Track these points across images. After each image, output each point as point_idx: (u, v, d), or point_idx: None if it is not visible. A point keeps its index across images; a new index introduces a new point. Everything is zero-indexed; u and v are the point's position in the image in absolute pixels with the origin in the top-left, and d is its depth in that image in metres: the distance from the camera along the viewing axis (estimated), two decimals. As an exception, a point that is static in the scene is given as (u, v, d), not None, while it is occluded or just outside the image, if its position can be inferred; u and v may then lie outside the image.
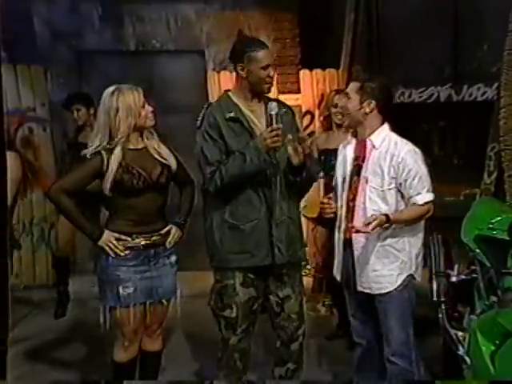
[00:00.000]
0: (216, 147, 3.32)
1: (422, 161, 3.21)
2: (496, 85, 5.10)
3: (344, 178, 3.33)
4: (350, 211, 3.26)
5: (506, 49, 4.66)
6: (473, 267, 3.55)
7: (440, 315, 3.41)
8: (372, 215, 3.05)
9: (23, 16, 5.94)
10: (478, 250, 3.51)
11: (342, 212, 3.32)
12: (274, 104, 3.27)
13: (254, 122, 3.38)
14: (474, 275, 3.52)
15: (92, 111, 5.24)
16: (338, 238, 3.37)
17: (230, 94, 3.47)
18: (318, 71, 6.23)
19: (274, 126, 3.20)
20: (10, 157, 3.74)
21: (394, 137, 3.25)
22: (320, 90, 6.06)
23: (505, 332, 2.72)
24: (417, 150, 3.22)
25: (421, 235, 3.27)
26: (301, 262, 3.61)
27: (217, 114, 3.35)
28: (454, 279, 3.49)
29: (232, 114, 3.34)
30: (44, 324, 5.22)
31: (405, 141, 3.25)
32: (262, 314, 3.59)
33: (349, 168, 3.31)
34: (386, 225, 3.06)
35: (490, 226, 3.62)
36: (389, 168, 3.15)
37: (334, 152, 4.53)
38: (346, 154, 3.37)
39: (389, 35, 6.24)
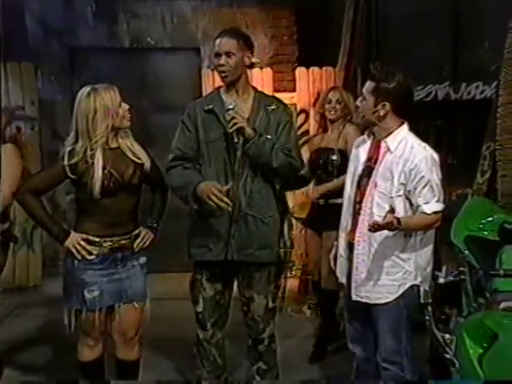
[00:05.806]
0: (185, 136, 3.37)
1: (438, 169, 3.01)
2: (495, 83, 5.00)
3: (353, 179, 3.17)
4: (356, 214, 3.11)
5: (506, 47, 4.57)
6: (461, 268, 3.47)
7: (427, 317, 3.33)
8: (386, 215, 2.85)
9: (14, 11, 5.85)
10: (467, 252, 3.44)
11: (348, 213, 3.18)
12: (230, 101, 3.29)
13: None
14: (462, 277, 3.46)
15: None
16: (342, 239, 3.22)
17: (221, 89, 3.48)
18: (315, 69, 6.11)
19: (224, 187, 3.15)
20: (8, 149, 3.61)
21: (412, 140, 3.05)
22: (316, 89, 5.94)
23: (492, 335, 2.67)
24: (435, 156, 3.02)
25: (430, 245, 3.11)
26: (268, 263, 3.43)
27: (197, 106, 3.41)
28: (441, 281, 3.41)
29: (210, 106, 3.36)
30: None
31: (423, 145, 3.04)
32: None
33: (360, 168, 3.13)
34: (395, 230, 2.88)
35: (481, 226, 3.57)
36: (400, 174, 2.97)
37: (327, 151, 4.47)
38: (359, 153, 3.17)
39: (388, 32, 6.17)
